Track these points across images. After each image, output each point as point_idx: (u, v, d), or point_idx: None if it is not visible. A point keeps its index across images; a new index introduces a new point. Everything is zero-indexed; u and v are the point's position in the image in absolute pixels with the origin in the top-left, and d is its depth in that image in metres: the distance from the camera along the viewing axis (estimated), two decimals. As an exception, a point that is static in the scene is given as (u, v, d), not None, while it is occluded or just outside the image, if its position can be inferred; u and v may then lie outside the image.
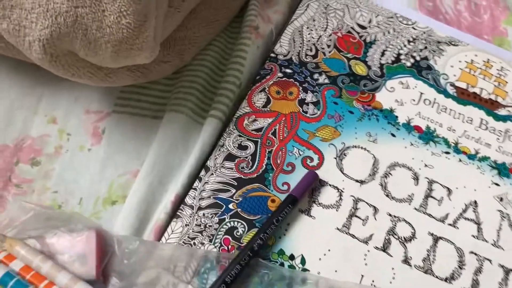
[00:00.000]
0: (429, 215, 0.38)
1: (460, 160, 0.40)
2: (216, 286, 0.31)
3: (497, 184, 0.40)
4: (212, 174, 0.38)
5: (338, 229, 0.37)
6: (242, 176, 0.38)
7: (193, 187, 0.37)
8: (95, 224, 0.34)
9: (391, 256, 0.36)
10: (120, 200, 0.38)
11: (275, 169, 0.38)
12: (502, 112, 0.43)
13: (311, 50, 0.44)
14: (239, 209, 0.36)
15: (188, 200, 0.37)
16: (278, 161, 0.39)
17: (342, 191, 0.38)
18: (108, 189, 0.38)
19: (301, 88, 0.42)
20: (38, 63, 0.35)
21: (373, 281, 0.35)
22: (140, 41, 0.33)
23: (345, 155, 0.40)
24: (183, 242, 0.35)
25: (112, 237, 0.33)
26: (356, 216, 0.37)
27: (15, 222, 0.34)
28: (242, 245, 0.35)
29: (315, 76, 0.43)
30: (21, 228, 0.34)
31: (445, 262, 0.36)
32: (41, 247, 0.32)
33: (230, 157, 0.38)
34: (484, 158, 0.41)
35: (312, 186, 0.37)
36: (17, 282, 0.30)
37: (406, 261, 0.36)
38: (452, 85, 0.44)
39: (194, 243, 0.35)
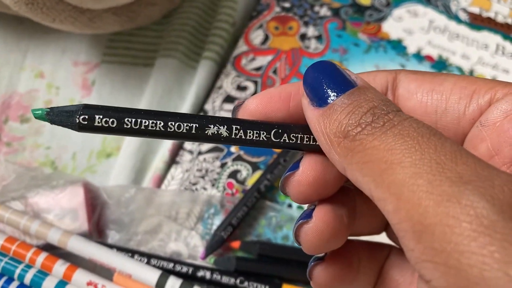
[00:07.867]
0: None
1: (476, 89, 0.37)
2: (222, 228, 0.29)
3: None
4: (211, 117, 0.35)
5: (348, 166, 0.34)
6: (243, 118, 0.35)
7: (191, 132, 0.35)
8: (78, 178, 0.32)
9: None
10: (115, 152, 0.36)
11: (277, 108, 0.36)
12: (519, 35, 0.40)
13: (309, -19, 0.41)
14: (241, 152, 0.34)
15: (186, 145, 0.34)
16: (281, 100, 0.36)
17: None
18: (102, 142, 0.36)
19: (301, 22, 0.39)
20: (15, 9, 0.32)
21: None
22: (120, -27, 0.30)
23: (352, 90, 0.37)
24: (184, 188, 0.33)
25: (98, 189, 0.31)
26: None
27: (4, 182, 0.32)
28: (247, 188, 0.33)
29: (316, 8, 0.40)
30: (1, 191, 0.31)
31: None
32: (24, 208, 0.30)
33: (229, 99, 0.36)
34: (503, 85, 0.38)
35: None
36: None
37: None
38: (464, 10, 0.41)
39: (196, 189, 0.33)
